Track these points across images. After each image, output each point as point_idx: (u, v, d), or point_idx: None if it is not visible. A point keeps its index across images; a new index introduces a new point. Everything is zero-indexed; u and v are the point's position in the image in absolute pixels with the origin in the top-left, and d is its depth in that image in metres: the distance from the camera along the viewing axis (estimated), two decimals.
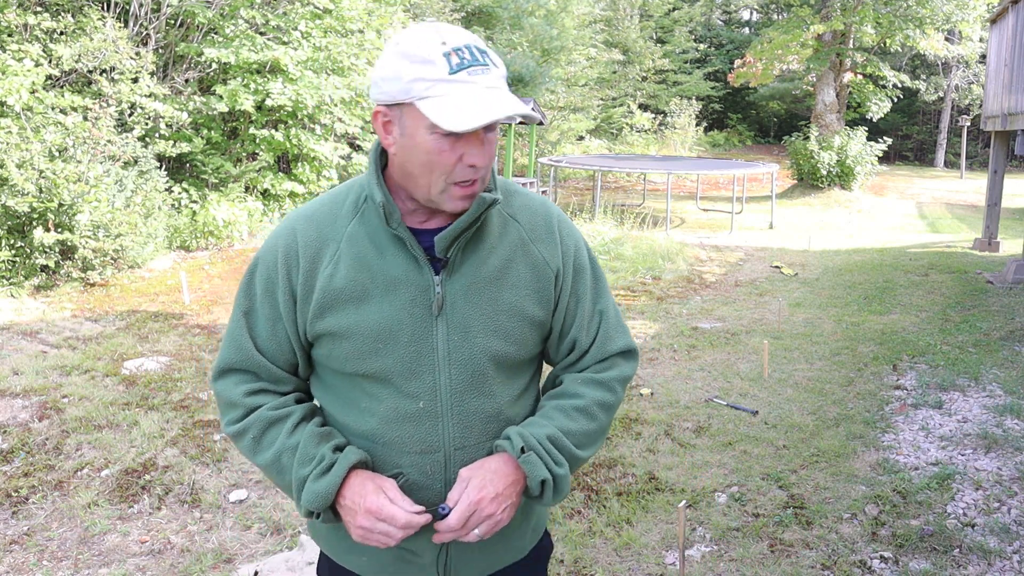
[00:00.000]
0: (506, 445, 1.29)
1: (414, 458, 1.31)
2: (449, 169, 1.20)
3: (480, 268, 1.30)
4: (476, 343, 1.29)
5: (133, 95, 8.68)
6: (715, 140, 29.13)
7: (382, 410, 1.30)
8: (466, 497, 1.23)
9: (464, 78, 1.16)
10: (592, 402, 1.36)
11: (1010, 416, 4.48)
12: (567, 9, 19.99)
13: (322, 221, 1.32)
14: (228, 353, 1.36)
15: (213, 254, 9.06)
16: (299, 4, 10.46)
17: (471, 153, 1.20)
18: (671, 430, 4.32)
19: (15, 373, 5.01)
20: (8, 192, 6.77)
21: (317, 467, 1.27)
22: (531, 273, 1.34)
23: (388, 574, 1.39)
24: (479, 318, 1.29)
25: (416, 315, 1.27)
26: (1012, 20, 8.93)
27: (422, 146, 1.19)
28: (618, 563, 3.05)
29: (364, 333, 1.27)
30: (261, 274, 1.34)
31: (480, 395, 1.31)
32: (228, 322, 1.39)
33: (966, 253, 10.62)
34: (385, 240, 1.29)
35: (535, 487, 1.28)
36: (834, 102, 18.49)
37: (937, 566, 3.00)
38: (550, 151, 20.29)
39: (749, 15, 36.87)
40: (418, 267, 1.28)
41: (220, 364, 1.37)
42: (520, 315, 1.32)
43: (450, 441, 1.31)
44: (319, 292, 1.29)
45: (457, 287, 1.29)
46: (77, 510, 3.37)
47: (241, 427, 1.34)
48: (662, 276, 8.77)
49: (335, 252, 1.30)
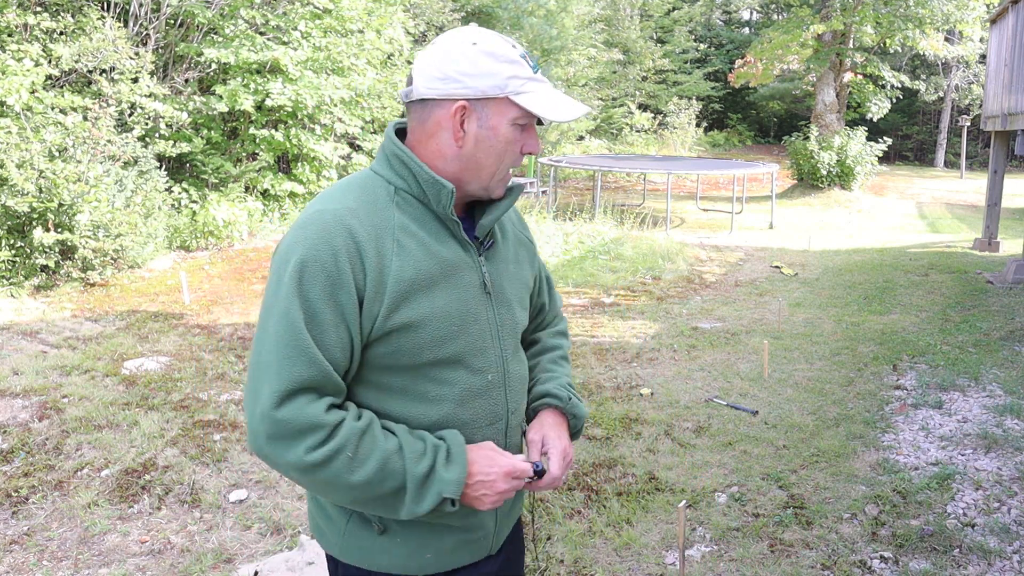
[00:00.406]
0: (552, 401, 1.51)
1: (484, 431, 1.39)
2: (515, 157, 1.36)
3: (504, 248, 1.48)
4: (515, 315, 1.47)
5: (133, 95, 8.68)
6: (715, 140, 29.12)
7: (456, 393, 1.35)
8: (557, 449, 1.43)
9: (541, 78, 1.34)
10: (566, 349, 1.67)
11: (1010, 416, 4.48)
12: (567, 9, 19.98)
13: (369, 213, 1.30)
14: (297, 370, 1.21)
15: (213, 254, 9.06)
16: (299, 4, 10.46)
17: (529, 143, 1.37)
18: (671, 430, 4.32)
19: (15, 373, 5.01)
20: (8, 192, 6.77)
21: (436, 456, 1.28)
22: (525, 251, 1.56)
23: (452, 562, 1.43)
24: (512, 292, 1.47)
25: (475, 295, 1.38)
26: (1012, 20, 8.93)
27: (503, 136, 1.33)
28: (618, 563, 3.05)
29: (441, 318, 1.32)
30: (316, 277, 1.23)
31: (519, 361, 1.48)
32: (270, 337, 1.24)
33: (966, 253, 10.62)
34: (435, 227, 1.35)
35: (580, 424, 1.54)
36: (834, 102, 18.49)
37: (937, 566, 3.00)
38: (550, 151, 20.29)
39: (749, 15, 36.87)
40: (467, 250, 1.38)
41: (287, 386, 1.21)
42: (528, 287, 1.54)
43: (508, 408, 1.44)
44: (393, 284, 1.27)
45: (494, 266, 1.43)
46: (77, 510, 3.37)
47: (332, 448, 1.21)
48: (662, 276, 8.77)
49: (394, 242, 1.29)
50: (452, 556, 1.42)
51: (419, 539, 1.38)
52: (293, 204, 10.94)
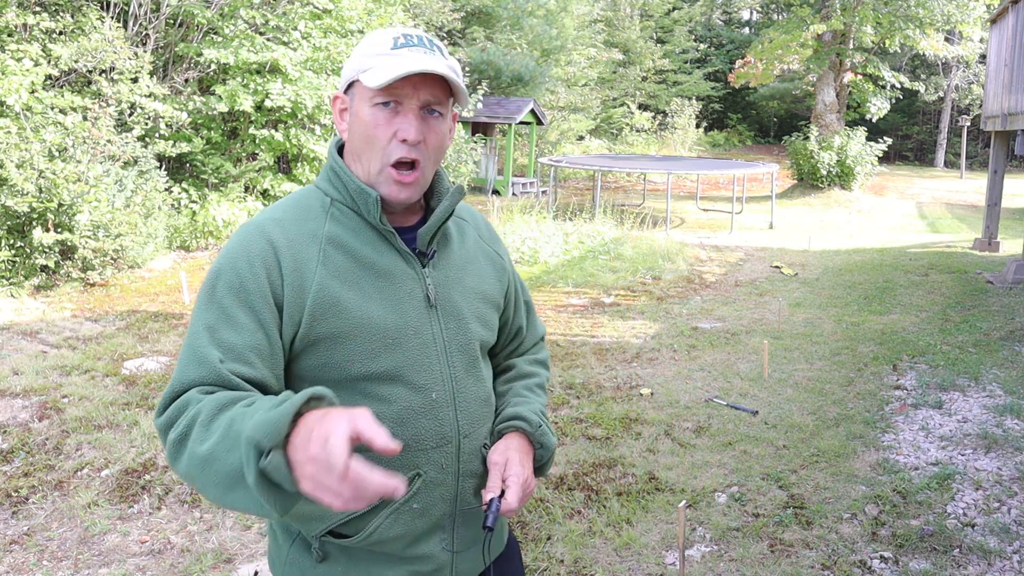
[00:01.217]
0: (522, 424, 1.39)
1: (430, 454, 1.28)
2: (384, 144, 1.24)
3: (453, 260, 1.37)
4: (468, 330, 1.35)
5: (133, 95, 8.68)
6: (715, 140, 29.14)
7: (394, 411, 1.25)
8: (517, 477, 1.30)
9: (403, 52, 1.23)
10: (544, 379, 1.56)
11: (1010, 416, 4.48)
12: (567, 9, 19.99)
13: (294, 223, 1.26)
14: (187, 371, 1.14)
15: (213, 254, 9.06)
16: (298, 4, 10.46)
17: (403, 128, 1.23)
18: (671, 430, 4.32)
19: (15, 373, 5.01)
20: (8, 192, 6.77)
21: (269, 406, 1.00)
22: (490, 266, 1.45)
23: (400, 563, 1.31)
24: (465, 306, 1.36)
25: (416, 307, 1.29)
26: (1012, 20, 8.93)
27: (364, 119, 1.25)
28: (618, 563, 3.05)
29: (371, 331, 1.24)
30: (229, 284, 1.19)
31: (475, 380, 1.36)
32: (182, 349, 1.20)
33: (966, 253, 10.62)
34: (371, 237, 1.29)
35: (547, 456, 1.41)
36: (834, 102, 18.49)
37: (937, 566, 3.00)
38: (550, 151, 20.29)
39: (749, 15, 36.87)
40: (406, 261, 1.30)
41: (173, 389, 1.14)
42: (490, 302, 1.42)
43: (459, 430, 1.32)
44: (315, 294, 1.21)
45: (441, 278, 1.33)
46: (77, 510, 3.36)
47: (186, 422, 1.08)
48: (662, 276, 8.77)
49: (320, 252, 1.24)
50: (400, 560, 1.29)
51: (361, 569, 1.29)
52: None
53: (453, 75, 1.23)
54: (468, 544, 1.35)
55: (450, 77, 1.22)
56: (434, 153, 1.28)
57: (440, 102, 1.26)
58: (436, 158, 1.30)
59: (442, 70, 1.20)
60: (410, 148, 1.24)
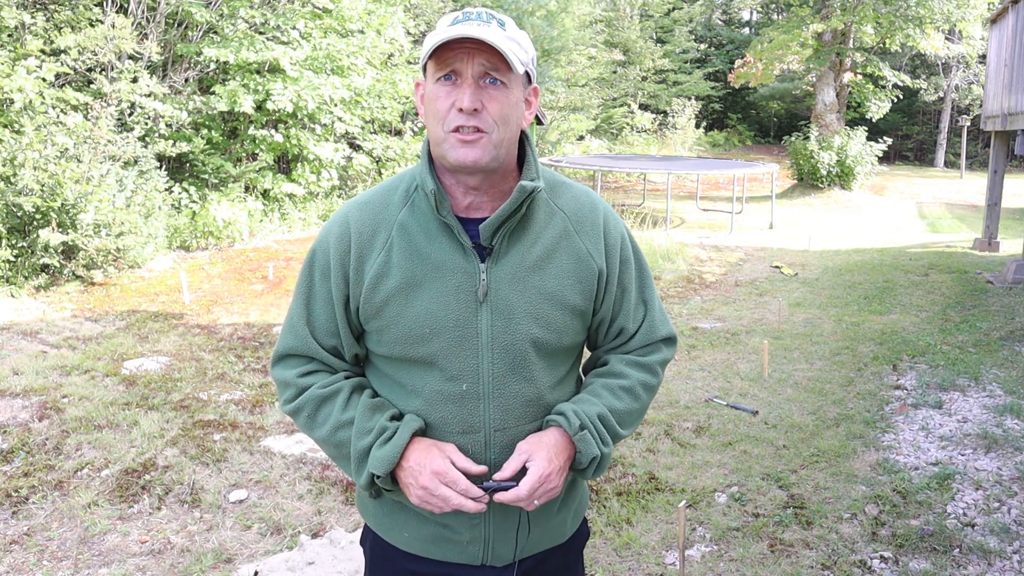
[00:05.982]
0: (562, 421, 1.35)
1: (456, 438, 1.35)
2: (444, 115, 1.27)
3: (524, 256, 1.35)
4: (519, 329, 1.34)
5: (133, 95, 8.68)
6: (715, 140, 29.12)
7: (427, 392, 1.35)
8: (536, 469, 1.30)
9: (458, 27, 1.24)
10: (637, 383, 1.44)
11: (1010, 416, 4.48)
12: (567, 9, 19.96)
13: (374, 209, 1.38)
14: (286, 339, 1.43)
15: (213, 254, 9.06)
16: (298, 4, 10.46)
17: (460, 97, 1.25)
18: (671, 430, 4.32)
19: (15, 373, 5.00)
20: (12, 191, 6.78)
21: (379, 437, 1.32)
22: (574, 264, 1.38)
23: (429, 551, 1.43)
24: (522, 305, 1.34)
25: (461, 301, 1.32)
26: (1012, 20, 8.93)
27: (430, 95, 1.29)
28: (618, 563, 3.05)
29: (413, 319, 1.32)
30: (318, 261, 1.40)
31: (521, 380, 1.36)
32: (288, 310, 1.45)
33: (966, 253, 10.62)
34: (434, 228, 1.34)
35: (585, 462, 1.36)
36: (834, 102, 18.49)
37: (937, 566, 3.00)
38: (550, 151, 20.28)
39: (749, 15, 36.87)
40: (464, 254, 1.33)
41: (279, 351, 1.44)
42: (561, 303, 1.37)
43: (490, 423, 1.35)
44: (371, 279, 1.34)
45: (501, 274, 1.33)
46: (77, 510, 3.36)
47: (295, 406, 1.40)
48: (662, 276, 8.77)
49: (387, 240, 1.35)
50: (429, 546, 1.42)
51: (400, 516, 1.44)
52: (293, 204, 10.93)
53: (502, 42, 1.22)
54: (505, 523, 1.40)
55: (496, 43, 1.21)
56: (499, 122, 1.27)
57: (497, 69, 1.26)
58: (503, 127, 1.28)
59: (483, 35, 1.21)
60: (468, 116, 1.25)
